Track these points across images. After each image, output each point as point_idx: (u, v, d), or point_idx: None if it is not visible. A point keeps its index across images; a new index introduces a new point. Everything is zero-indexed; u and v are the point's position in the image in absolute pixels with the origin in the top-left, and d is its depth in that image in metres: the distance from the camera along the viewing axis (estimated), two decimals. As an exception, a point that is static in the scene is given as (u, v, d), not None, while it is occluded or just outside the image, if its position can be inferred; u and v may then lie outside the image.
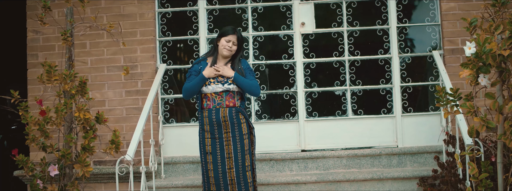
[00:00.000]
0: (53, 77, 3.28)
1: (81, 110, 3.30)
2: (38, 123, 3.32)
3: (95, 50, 5.39)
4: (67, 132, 3.56)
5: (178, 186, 4.82)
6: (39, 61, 5.42)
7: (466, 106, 3.27)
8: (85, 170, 3.40)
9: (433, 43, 5.36)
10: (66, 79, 3.32)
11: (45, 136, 3.33)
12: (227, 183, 4.12)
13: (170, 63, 5.49)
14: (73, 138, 3.42)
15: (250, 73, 4.32)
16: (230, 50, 4.25)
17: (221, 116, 4.16)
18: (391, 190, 4.73)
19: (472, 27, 3.34)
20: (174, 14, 5.54)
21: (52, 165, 3.51)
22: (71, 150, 3.41)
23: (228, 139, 4.15)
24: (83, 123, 3.38)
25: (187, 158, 5.18)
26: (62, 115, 3.27)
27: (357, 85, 5.39)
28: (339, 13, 5.45)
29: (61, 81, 3.31)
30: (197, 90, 4.23)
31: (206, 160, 4.19)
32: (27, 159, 3.40)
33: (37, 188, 3.41)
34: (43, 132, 3.32)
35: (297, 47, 5.41)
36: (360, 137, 5.33)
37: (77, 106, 3.33)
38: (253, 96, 4.80)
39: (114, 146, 3.53)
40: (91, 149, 3.41)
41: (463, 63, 3.23)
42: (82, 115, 3.31)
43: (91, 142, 3.38)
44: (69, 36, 3.52)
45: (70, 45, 3.53)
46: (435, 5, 5.36)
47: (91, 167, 3.42)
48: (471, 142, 3.90)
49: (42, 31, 5.43)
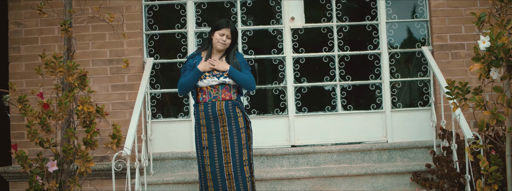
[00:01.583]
0: (58, 69, 3.13)
1: (85, 103, 3.16)
2: (39, 117, 3.17)
3: (80, 43, 5.19)
4: (66, 126, 3.42)
5: (169, 182, 4.71)
6: (21, 54, 5.22)
7: (475, 100, 3.30)
8: (87, 166, 3.27)
9: (422, 39, 5.40)
10: (70, 71, 3.17)
11: (47, 130, 3.17)
12: (225, 178, 4.04)
13: (157, 57, 5.37)
14: (74, 132, 3.28)
15: (245, 67, 4.24)
16: (224, 44, 4.17)
17: (217, 109, 4.07)
18: (384, 185, 4.74)
19: (480, 22, 3.37)
20: (161, 7, 5.41)
21: (51, 160, 3.36)
22: (73, 144, 3.27)
23: (224, 133, 4.06)
24: (85, 116, 3.24)
25: (175, 154, 5.07)
26: (65, 108, 3.13)
27: (346, 80, 5.39)
28: (329, 8, 5.43)
29: (65, 73, 3.16)
30: (193, 85, 4.13)
31: (203, 155, 4.09)
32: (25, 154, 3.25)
33: (36, 184, 3.26)
34: (44, 126, 3.17)
35: (287, 42, 5.37)
36: (349, 132, 5.33)
37: (80, 99, 3.19)
38: (248, 90, 4.73)
39: (116, 140, 3.41)
40: (94, 143, 3.28)
41: (475, 57, 3.25)
42: (86, 108, 3.17)
43: (94, 136, 3.26)
44: (69, 27, 3.36)
45: (71, 36, 3.38)
46: (423, 2, 5.40)
47: (92, 162, 3.29)
48: (472, 136, 3.94)
49: (25, 23, 5.23)
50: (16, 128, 5.18)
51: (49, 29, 5.24)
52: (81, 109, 3.17)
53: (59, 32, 5.22)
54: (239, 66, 4.21)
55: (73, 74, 3.23)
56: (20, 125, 5.18)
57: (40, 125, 3.17)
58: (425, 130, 5.29)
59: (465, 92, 3.38)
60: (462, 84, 3.36)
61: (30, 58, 5.21)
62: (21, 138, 5.17)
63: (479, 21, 3.36)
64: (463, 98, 3.38)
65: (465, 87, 3.36)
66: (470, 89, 3.42)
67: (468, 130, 4.02)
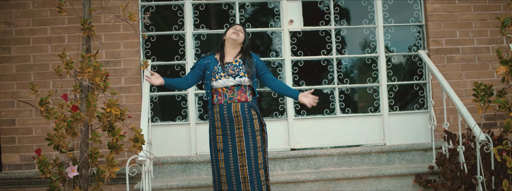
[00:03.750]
0: (86, 69, 3.00)
1: (113, 105, 3.04)
2: (64, 120, 3.02)
3: (74, 44, 5.03)
4: (85, 129, 3.28)
5: (173, 187, 4.59)
6: (12, 55, 5.00)
7: (500, 102, 3.36)
8: (112, 171, 3.15)
9: (417, 43, 5.49)
10: (97, 71, 3.05)
11: (73, 133, 3.03)
12: (240, 181, 3.97)
13: (154, 59, 5.25)
14: (99, 136, 3.15)
15: (264, 66, 4.21)
16: (237, 33, 4.11)
17: (233, 111, 4.00)
18: (387, 187, 4.78)
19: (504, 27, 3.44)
20: (158, 8, 5.30)
21: (71, 165, 3.22)
22: (98, 149, 3.14)
23: (240, 135, 3.99)
24: (111, 119, 3.12)
25: (174, 158, 4.96)
26: (93, 111, 3.00)
27: (344, 84, 5.41)
28: (327, 12, 5.44)
29: (93, 74, 3.03)
30: (176, 89, 4.14)
31: (218, 158, 4.02)
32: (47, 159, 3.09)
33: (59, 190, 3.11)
34: (70, 129, 3.02)
35: (286, 44, 5.35)
36: (347, 135, 5.35)
37: (108, 101, 3.07)
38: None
39: (139, 144, 3.30)
40: (119, 147, 3.16)
41: (502, 61, 3.32)
42: (113, 110, 3.05)
43: (121, 139, 3.14)
44: (92, 26, 3.24)
45: (93, 35, 3.25)
46: (419, 6, 5.50)
47: (117, 167, 3.17)
48: (485, 137, 4.02)
49: (15, 23, 5.01)
50: (6, 132, 4.95)
51: (41, 29, 5.04)
52: (109, 111, 3.04)
53: (52, 32, 5.05)
54: (257, 66, 4.16)
55: (99, 75, 3.10)
56: (10, 129, 4.96)
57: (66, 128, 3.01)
58: (421, 132, 5.37)
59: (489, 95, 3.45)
60: (487, 86, 3.42)
61: (22, 59, 5.00)
62: (11, 143, 4.95)
63: (503, 26, 3.43)
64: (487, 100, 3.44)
65: (489, 90, 3.42)
66: (493, 92, 3.49)
67: (480, 132, 4.09)
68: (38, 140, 4.95)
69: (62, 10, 3.26)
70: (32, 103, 4.31)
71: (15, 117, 4.97)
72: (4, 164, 4.96)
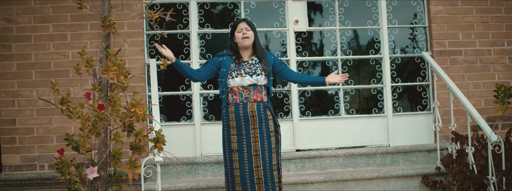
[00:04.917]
0: (111, 67, 2.92)
1: (138, 105, 2.96)
2: (88, 119, 2.94)
3: (77, 42, 4.92)
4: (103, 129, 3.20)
5: (182, 189, 4.53)
6: (13, 53, 4.87)
7: (520, 104, 3.38)
8: (134, 172, 3.08)
9: (421, 45, 5.51)
10: (121, 70, 2.98)
11: (97, 133, 2.95)
12: (254, 182, 3.92)
13: (158, 59, 5.17)
14: (121, 136, 3.07)
15: (281, 62, 4.20)
16: (246, 36, 4.05)
17: (249, 110, 3.95)
18: (395, 187, 4.79)
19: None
20: (162, 6, 5.22)
21: (90, 166, 3.14)
22: (121, 150, 3.07)
23: (255, 135, 3.94)
24: (133, 119, 3.04)
25: (179, 159, 4.88)
26: (118, 110, 2.92)
27: (349, 84, 5.41)
28: (332, 12, 5.44)
29: (118, 72, 2.95)
30: (184, 74, 4.08)
31: (232, 158, 3.96)
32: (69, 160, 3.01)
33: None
34: (94, 129, 2.94)
35: (291, 45, 5.32)
36: (352, 136, 5.35)
37: (133, 100, 3.00)
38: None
39: (161, 144, 3.23)
40: (142, 148, 3.09)
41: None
42: (138, 110, 2.98)
43: (144, 139, 3.07)
44: (114, 23, 3.16)
45: (116, 32, 3.17)
46: (422, 8, 5.52)
47: (140, 168, 3.10)
48: (497, 139, 4.05)
49: (16, 20, 4.88)
50: (6, 132, 4.82)
51: (43, 27, 4.91)
52: (133, 111, 2.97)
53: (54, 30, 4.93)
54: (275, 63, 4.14)
55: (123, 73, 3.03)
56: (11, 129, 4.82)
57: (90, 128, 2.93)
58: (424, 133, 5.39)
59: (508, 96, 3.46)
60: (507, 88, 3.44)
61: (22, 57, 4.87)
62: (12, 143, 4.81)
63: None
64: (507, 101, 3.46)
65: (509, 91, 3.44)
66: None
67: (492, 133, 4.12)
68: (40, 140, 4.83)
69: (82, 6, 3.17)
70: (50, 102, 4.20)
71: (16, 117, 4.83)
72: (4, 165, 4.82)
